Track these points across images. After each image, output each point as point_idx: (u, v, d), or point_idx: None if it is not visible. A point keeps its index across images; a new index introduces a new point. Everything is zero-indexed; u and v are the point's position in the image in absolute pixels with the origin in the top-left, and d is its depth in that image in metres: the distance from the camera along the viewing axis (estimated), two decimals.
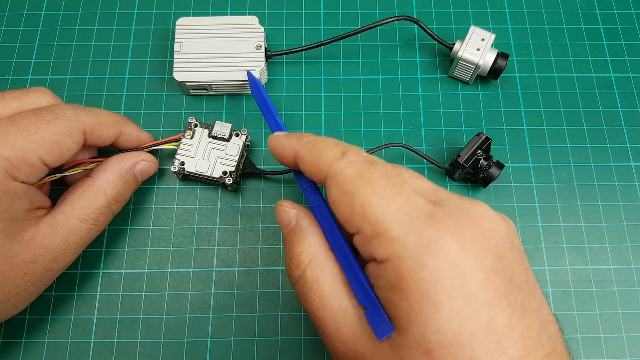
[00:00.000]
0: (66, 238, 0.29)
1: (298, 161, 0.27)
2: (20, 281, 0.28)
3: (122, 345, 0.33)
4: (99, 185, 0.31)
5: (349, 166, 0.24)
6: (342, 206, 0.23)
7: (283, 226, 0.27)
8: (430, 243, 0.21)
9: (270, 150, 0.29)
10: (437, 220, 0.22)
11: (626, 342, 0.33)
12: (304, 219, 0.27)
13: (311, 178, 0.26)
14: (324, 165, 0.25)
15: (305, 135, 0.27)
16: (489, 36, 0.38)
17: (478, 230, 0.22)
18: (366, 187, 0.23)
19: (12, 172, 0.27)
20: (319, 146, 0.26)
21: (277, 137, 0.28)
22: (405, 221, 0.22)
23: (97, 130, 0.31)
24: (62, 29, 0.41)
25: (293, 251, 0.26)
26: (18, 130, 0.27)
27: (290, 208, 0.27)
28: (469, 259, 0.21)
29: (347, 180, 0.24)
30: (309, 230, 0.26)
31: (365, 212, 0.22)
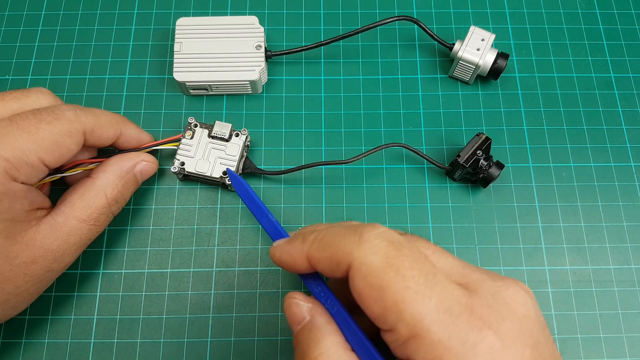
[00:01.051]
0: (66, 238, 0.29)
1: (312, 263, 0.24)
2: (20, 282, 0.28)
3: (122, 345, 0.33)
4: (99, 186, 0.31)
5: (372, 253, 0.22)
6: (371, 301, 0.21)
7: (294, 322, 0.24)
8: (475, 345, 0.20)
9: (276, 262, 0.26)
10: (479, 318, 0.21)
11: (626, 342, 0.33)
12: (320, 315, 0.24)
13: (331, 276, 0.23)
14: (344, 255, 0.22)
15: (308, 232, 0.25)
16: (489, 36, 0.38)
17: (515, 320, 0.21)
18: (397, 280, 0.21)
19: (12, 172, 0.27)
20: (329, 238, 0.24)
21: (279, 248, 0.26)
22: (447, 320, 0.20)
23: (97, 131, 0.31)
24: (62, 29, 0.41)
25: (308, 353, 0.23)
26: (18, 131, 0.27)
27: (303, 302, 0.24)
28: (511, 356, 0.20)
29: (375, 271, 0.21)
30: (327, 329, 0.23)
31: (401, 310, 0.20)
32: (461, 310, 0.21)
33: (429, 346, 0.20)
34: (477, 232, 0.36)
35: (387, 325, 0.21)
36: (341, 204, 0.36)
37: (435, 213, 0.36)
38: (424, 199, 0.37)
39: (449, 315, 0.20)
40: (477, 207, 0.36)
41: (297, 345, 0.24)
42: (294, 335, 0.24)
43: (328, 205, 0.36)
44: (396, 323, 0.21)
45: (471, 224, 0.36)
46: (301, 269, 0.25)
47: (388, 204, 0.36)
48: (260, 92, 0.39)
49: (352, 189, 0.37)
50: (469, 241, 0.36)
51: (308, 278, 0.26)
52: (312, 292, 0.26)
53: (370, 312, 0.21)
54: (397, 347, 0.21)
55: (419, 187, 0.37)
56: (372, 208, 0.36)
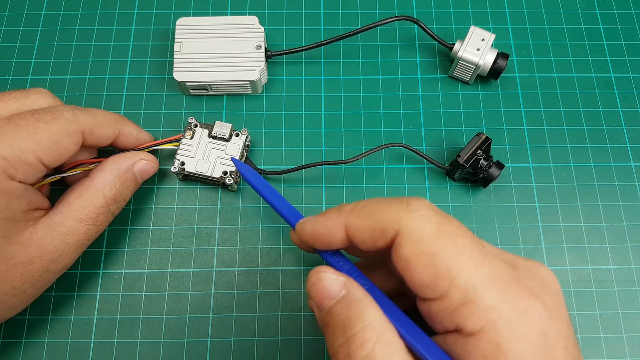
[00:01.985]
0: (64, 239, 0.29)
1: (351, 233, 0.23)
2: (17, 282, 0.28)
3: (122, 345, 0.33)
4: (96, 185, 0.31)
5: (424, 221, 0.21)
6: (421, 268, 0.21)
7: (326, 297, 0.23)
8: (526, 311, 0.20)
9: (306, 237, 0.25)
10: (526, 287, 0.21)
11: (626, 342, 0.33)
12: (357, 288, 0.23)
13: (371, 247, 0.23)
14: (391, 222, 0.22)
15: (343, 205, 0.24)
16: (489, 36, 0.38)
17: (553, 294, 0.22)
18: (450, 247, 0.21)
19: (9, 171, 0.27)
20: (372, 206, 0.23)
21: (311, 220, 0.25)
22: (499, 287, 0.20)
23: (95, 131, 0.31)
24: (62, 29, 0.41)
25: (351, 327, 0.21)
26: (16, 130, 0.27)
27: (336, 275, 0.23)
28: (554, 328, 0.21)
29: (427, 237, 0.21)
30: (367, 302, 0.22)
31: (454, 276, 0.20)
32: (510, 279, 0.21)
33: (482, 312, 0.20)
34: (477, 232, 0.36)
35: (436, 292, 0.21)
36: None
37: None
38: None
39: (500, 283, 0.21)
40: (477, 207, 0.36)
41: (332, 320, 0.22)
42: (327, 311, 0.23)
43: (328, 205, 0.36)
44: (448, 289, 0.20)
45: (471, 224, 0.36)
46: (335, 242, 0.24)
47: None
48: (260, 92, 0.39)
49: (352, 189, 0.37)
50: None
51: (334, 255, 0.25)
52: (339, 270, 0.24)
53: (417, 279, 0.21)
54: (445, 315, 0.21)
55: (419, 187, 0.37)
56: None
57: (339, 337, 0.22)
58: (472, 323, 0.20)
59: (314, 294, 0.23)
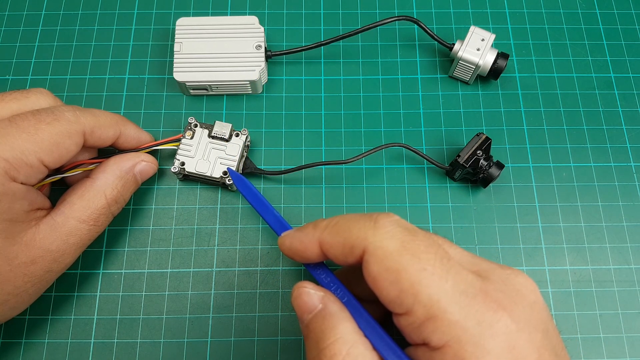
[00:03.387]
0: (66, 239, 0.29)
1: (324, 249, 0.24)
2: (19, 282, 0.28)
3: (122, 345, 0.33)
4: (98, 186, 0.31)
5: (388, 237, 0.22)
6: (386, 284, 0.21)
7: (305, 311, 0.24)
8: (491, 326, 0.20)
9: (285, 252, 0.26)
10: (493, 300, 0.21)
11: (626, 342, 0.33)
12: (333, 303, 0.24)
13: (343, 262, 0.24)
14: (358, 240, 0.22)
15: (319, 220, 0.25)
16: (489, 36, 0.38)
17: (527, 306, 0.22)
18: (414, 263, 0.21)
19: (11, 173, 0.27)
20: (343, 223, 0.24)
21: (290, 235, 0.26)
22: (463, 302, 0.21)
23: (96, 132, 0.31)
24: (62, 29, 0.41)
25: (324, 340, 0.22)
26: (17, 131, 0.27)
27: (314, 290, 0.24)
28: (524, 339, 0.21)
29: (391, 254, 0.22)
30: (341, 316, 0.23)
31: (417, 292, 0.21)
32: (476, 292, 0.21)
33: (446, 327, 0.20)
34: (477, 232, 0.36)
35: (402, 308, 0.21)
36: (341, 204, 0.36)
37: (435, 213, 0.36)
38: (424, 199, 0.37)
39: (465, 297, 0.21)
40: (477, 207, 0.36)
41: (309, 334, 0.23)
42: (305, 325, 0.24)
43: (328, 205, 0.36)
44: (412, 305, 0.21)
45: (471, 224, 0.36)
46: (311, 256, 0.25)
47: (388, 204, 0.36)
48: (260, 92, 0.39)
49: (352, 189, 0.37)
50: (469, 241, 0.36)
51: (316, 268, 0.26)
52: (320, 282, 0.26)
53: (385, 295, 0.22)
54: (413, 330, 0.21)
55: (419, 187, 0.37)
56: (372, 208, 0.36)
57: (313, 350, 0.23)
58: (437, 338, 0.21)
59: (296, 307, 0.24)
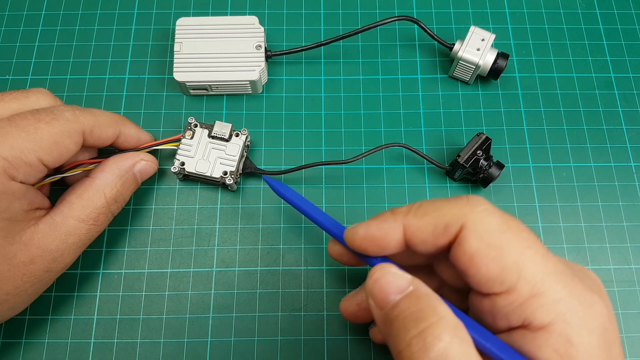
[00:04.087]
0: (65, 238, 0.29)
1: (409, 233, 0.23)
2: (19, 282, 0.28)
3: (122, 345, 0.33)
4: (97, 186, 0.31)
5: (488, 214, 0.22)
6: (488, 261, 0.21)
7: (391, 292, 0.22)
8: (591, 305, 0.21)
9: (358, 242, 0.24)
10: (585, 284, 0.21)
11: (626, 342, 0.33)
12: (424, 286, 0.22)
13: (431, 245, 0.23)
14: (454, 217, 0.22)
15: (395, 208, 0.24)
16: (489, 36, 0.38)
17: (604, 295, 0.22)
18: (518, 240, 0.21)
19: (10, 172, 0.27)
20: (430, 205, 0.23)
21: (362, 225, 0.24)
22: (565, 281, 0.21)
23: (96, 131, 0.31)
24: (62, 29, 0.41)
25: (424, 319, 0.20)
26: (17, 130, 0.27)
27: (402, 272, 0.23)
28: (612, 325, 0.21)
29: (492, 231, 0.21)
30: (437, 297, 0.21)
31: (522, 268, 0.20)
32: (572, 275, 0.21)
33: (551, 304, 0.20)
34: None
35: (503, 286, 0.21)
36: (341, 204, 0.36)
37: None
38: (424, 199, 0.36)
39: (565, 277, 0.21)
40: None
41: (400, 314, 0.21)
42: (392, 306, 0.21)
43: (328, 205, 0.36)
44: (516, 282, 0.21)
45: None
46: (390, 244, 0.23)
47: (388, 204, 0.36)
48: (260, 92, 0.39)
49: (352, 189, 0.37)
50: None
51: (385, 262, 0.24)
52: None
53: (483, 273, 0.21)
54: (512, 310, 0.21)
55: (419, 187, 0.37)
56: (372, 208, 0.36)
57: (411, 330, 0.20)
58: (542, 316, 0.20)
59: (377, 289, 0.22)
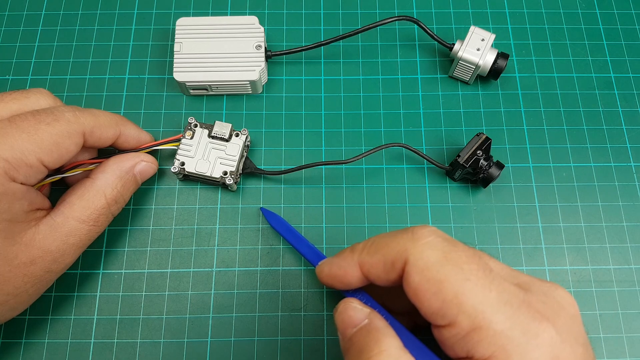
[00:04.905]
0: (65, 239, 0.29)
1: (365, 270, 0.24)
2: (19, 283, 0.28)
3: (122, 345, 0.33)
4: (98, 186, 0.31)
5: (429, 248, 0.22)
6: (429, 295, 0.21)
7: (349, 325, 0.24)
8: (537, 336, 0.20)
9: (324, 279, 0.26)
10: (537, 311, 0.21)
11: (626, 342, 0.33)
12: (379, 319, 0.24)
13: (385, 281, 0.24)
14: (398, 254, 0.22)
15: (355, 245, 0.25)
16: (489, 36, 0.38)
17: (568, 318, 0.22)
18: (457, 273, 0.21)
19: (11, 173, 0.27)
20: (381, 240, 0.24)
21: (328, 262, 0.26)
22: (508, 312, 0.21)
23: (96, 132, 0.31)
24: (62, 29, 0.41)
25: (367, 352, 0.22)
26: (17, 131, 0.27)
27: (361, 306, 0.24)
28: (567, 352, 0.21)
29: (432, 265, 0.21)
30: (387, 331, 0.23)
31: (461, 302, 0.21)
32: (520, 303, 0.21)
33: (492, 337, 0.20)
34: (477, 232, 0.36)
35: (445, 319, 0.21)
36: (341, 204, 0.36)
37: (436, 213, 0.36)
38: (424, 199, 0.37)
39: (509, 307, 0.21)
40: (477, 207, 0.36)
41: (351, 347, 0.23)
42: (348, 338, 0.24)
43: (328, 205, 0.36)
44: (456, 316, 0.21)
45: (471, 224, 0.36)
46: (352, 280, 0.25)
47: (388, 204, 0.36)
48: (260, 92, 0.39)
49: (352, 189, 0.37)
50: (469, 241, 0.35)
51: (356, 294, 0.26)
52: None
53: (427, 307, 0.21)
54: (456, 342, 0.21)
55: (419, 187, 0.37)
56: (372, 208, 0.36)
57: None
58: (483, 349, 0.20)
59: (340, 322, 0.24)
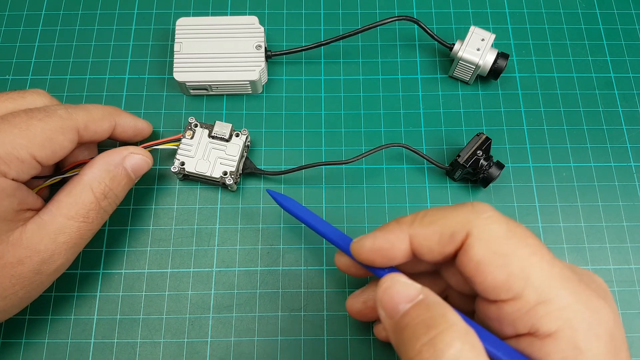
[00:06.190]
0: (54, 237, 0.28)
1: (416, 243, 0.23)
2: (7, 284, 0.27)
3: (122, 345, 0.33)
4: (84, 181, 0.30)
5: (494, 222, 0.22)
6: (494, 268, 0.21)
7: (401, 301, 0.22)
8: (598, 311, 0.20)
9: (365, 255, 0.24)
10: (592, 289, 0.21)
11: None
12: (434, 294, 0.22)
13: (438, 254, 0.23)
14: (459, 225, 0.22)
15: (400, 218, 0.24)
16: (489, 36, 0.38)
17: (610, 300, 0.22)
18: (524, 247, 0.21)
19: (1, 168, 0.26)
20: (436, 213, 0.23)
21: (369, 237, 0.24)
22: (572, 287, 0.21)
23: (91, 126, 0.30)
24: (62, 29, 0.41)
25: (435, 327, 0.20)
26: (9, 127, 0.27)
27: (411, 281, 0.23)
28: (619, 331, 0.21)
29: (499, 237, 0.21)
30: (448, 306, 0.21)
31: (529, 275, 0.20)
32: (578, 280, 0.21)
33: (558, 311, 0.20)
34: None
35: (510, 293, 0.21)
36: (341, 204, 0.36)
37: None
38: (424, 199, 0.37)
39: (572, 283, 0.21)
40: None
41: (410, 322, 0.21)
42: (402, 315, 0.22)
43: (328, 205, 0.36)
44: (523, 289, 0.21)
45: None
46: (398, 255, 0.23)
47: (388, 204, 0.36)
48: (260, 92, 0.39)
49: (352, 189, 0.37)
50: None
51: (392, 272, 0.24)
52: None
53: (490, 280, 0.21)
54: (519, 317, 0.21)
55: (419, 187, 0.37)
56: (372, 208, 0.36)
57: (422, 337, 0.20)
58: (549, 323, 0.20)
59: (387, 298, 0.22)
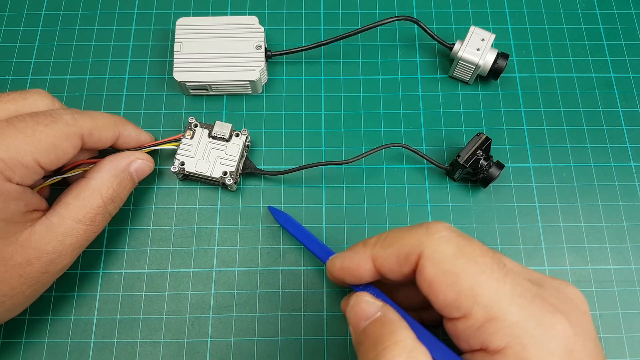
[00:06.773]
0: (62, 239, 0.29)
1: (378, 264, 0.25)
2: (15, 283, 0.28)
3: (122, 345, 0.33)
4: (93, 186, 0.31)
5: (444, 242, 0.22)
6: (444, 287, 0.22)
7: (362, 318, 0.24)
8: (552, 327, 0.21)
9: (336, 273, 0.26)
10: (550, 304, 0.21)
11: (626, 342, 0.33)
12: (392, 312, 0.24)
13: (397, 274, 0.24)
14: (413, 247, 0.23)
15: (367, 239, 0.26)
16: (489, 36, 0.38)
17: (580, 314, 0.22)
18: (472, 266, 0.22)
19: (7, 173, 0.27)
20: (394, 235, 0.24)
21: (339, 257, 0.26)
22: (522, 303, 0.21)
23: (95, 134, 0.31)
24: (62, 29, 0.41)
25: (383, 342, 0.22)
26: (15, 132, 0.27)
27: (373, 300, 0.25)
28: (580, 345, 0.21)
29: (448, 258, 0.22)
30: (401, 323, 0.23)
31: (476, 293, 0.21)
32: (533, 296, 0.21)
33: (507, 328, 0.20)
34: (477, 232, 0.36)
35: (460, 311, 0.21)
36: (341, 204, 0.36)
37: (435, 213, 0.36)
38: (424, 199, 0.37)
39: (523, 299, 0.21)
40: (477, 207, 0.36)
41: (365, 339, 0.23)
42: (362, 330, 0.24)
43: (328, 205, 0.36)
44: (471, 307, 0.21)
45: (471, 224, 0.36)
46: (364, 274, 0.25)
47: (388, 204, 0.36)
48: (260, 92, 0.39)
49: (352, 189, 0.37)
50: None
51: (366, 288, 0.26)
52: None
53: (442, 299, 0.22)
54: (470, 334, 0.21)
55: (419, 187, 0.37)
56: (372, 208, 0.36)
57: (370, 352, 0.22)
58: (497, 339, 0.21)
59: (352, 315, 0.24)
